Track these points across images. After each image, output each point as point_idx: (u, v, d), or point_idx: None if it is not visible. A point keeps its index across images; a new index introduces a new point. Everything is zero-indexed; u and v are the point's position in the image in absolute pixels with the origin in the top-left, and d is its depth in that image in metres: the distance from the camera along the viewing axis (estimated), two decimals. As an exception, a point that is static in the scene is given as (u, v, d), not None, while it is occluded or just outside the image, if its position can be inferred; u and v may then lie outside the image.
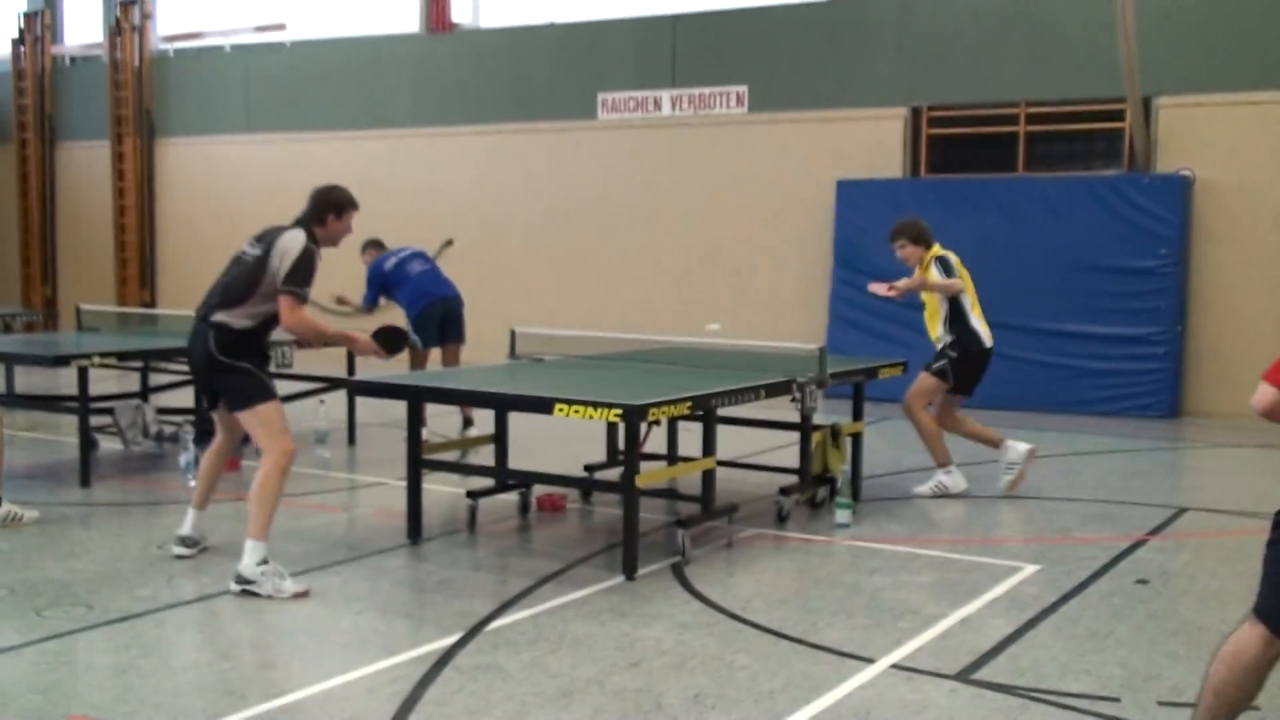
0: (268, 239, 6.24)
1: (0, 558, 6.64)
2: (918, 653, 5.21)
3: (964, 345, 8.39)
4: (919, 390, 8.49)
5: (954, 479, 8.54)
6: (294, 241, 6.15)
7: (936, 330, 8.54)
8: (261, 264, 6.11)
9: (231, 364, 6.12)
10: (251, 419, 6.19)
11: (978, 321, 8.47)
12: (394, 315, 10.95)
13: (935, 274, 8.39)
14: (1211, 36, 12.74)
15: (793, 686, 4.79)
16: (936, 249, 8.54)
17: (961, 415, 8.71)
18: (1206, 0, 12.82)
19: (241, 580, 5.92)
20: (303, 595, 5.91)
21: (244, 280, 6.14)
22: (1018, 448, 8.53)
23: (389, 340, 6.56)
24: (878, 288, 8.54)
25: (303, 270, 6.06)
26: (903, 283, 8.44)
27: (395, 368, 10.01)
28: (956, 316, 8.41)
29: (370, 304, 10.96)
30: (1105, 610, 5.86)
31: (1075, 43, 13.26)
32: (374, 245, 11.24)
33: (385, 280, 10.94)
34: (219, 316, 6.11)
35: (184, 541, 6.65)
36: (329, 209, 6.36)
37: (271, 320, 6.19)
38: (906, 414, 8.53)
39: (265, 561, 5.95)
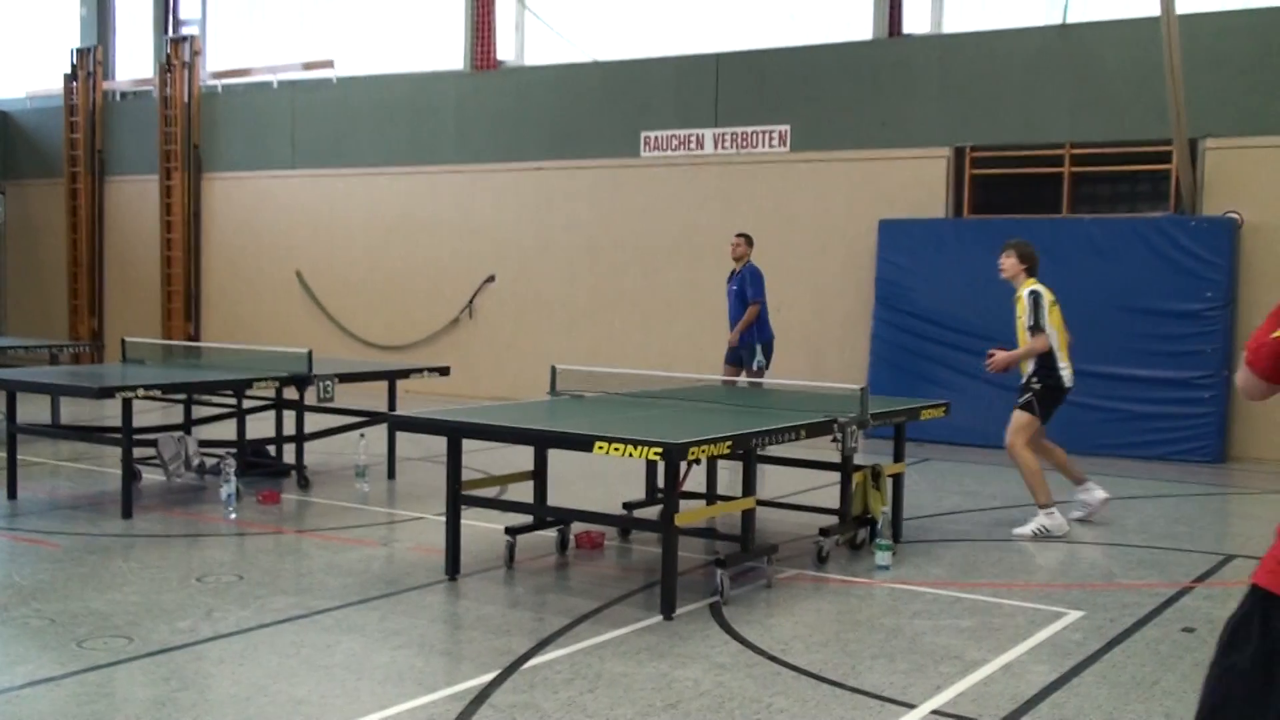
0: None
1: (42, 588, 6.68)
2: (959, 699, 5.14)
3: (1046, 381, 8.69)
4: (1015, 427, 8.69)
5: (1055, 520, 8.61)
6: None
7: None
8: None
9: None
10: None
11: (1063, 363, 8.73)
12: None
13: (1026, 306, 8.71)
14: (1259, 79, 12.64)
15: (832, 731, 4.73)
16: (1030, 281, 8.82)
17: (1049, 445, 8.99)
18: (1254, 42, 12.74)
19: None
20: None
21: None
22: (1096, 493, 8.96)
23: None
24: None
25: None
26: (999, 358, 8.78)
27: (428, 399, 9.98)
28: (1044, 355, 8.67)
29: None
30: (1151, 659, 5.76)
31: (1121, 84, 13.20)
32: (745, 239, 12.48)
33: None
34: None
35: None
36: None
37: None
38: (1011, 454, 8.71)
39: None
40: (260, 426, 10.88)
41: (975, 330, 13.37)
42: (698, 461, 6.95)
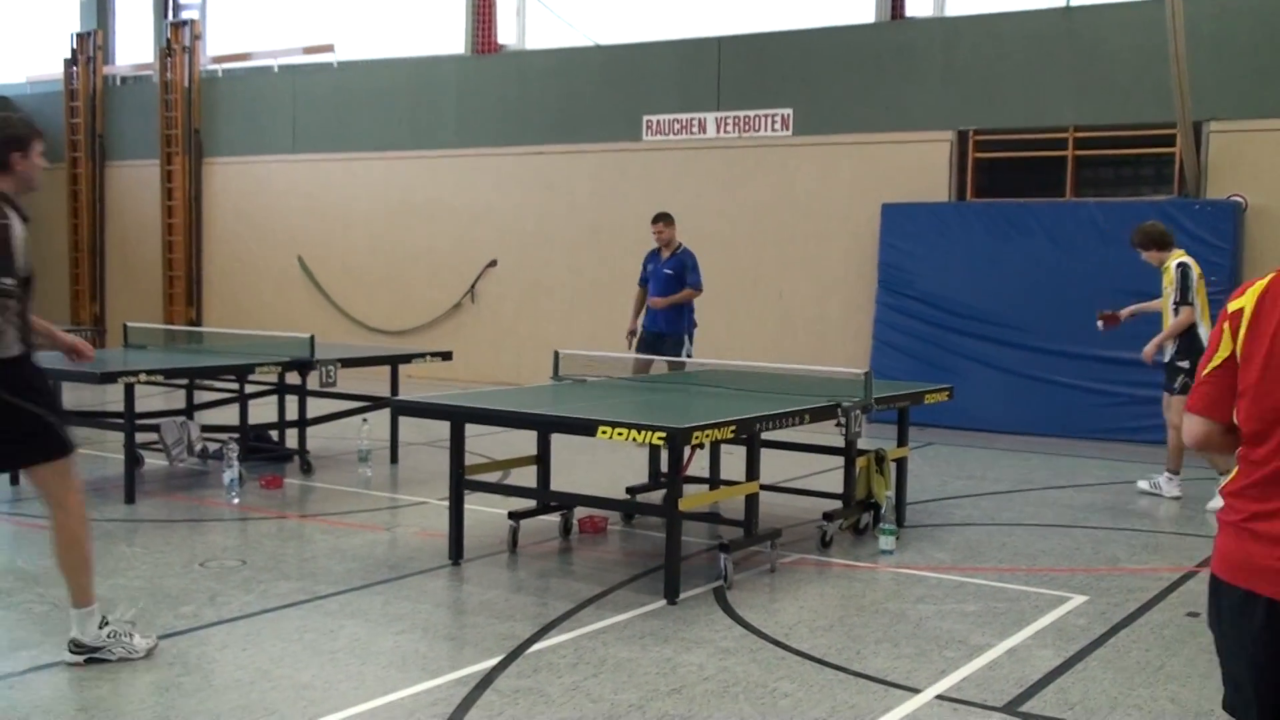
0: None
1: (45, 573, 6.66)
2: (964, 683, 5.13)
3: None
4: (1177, 409, 8.97)
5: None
6: None
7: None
8: None
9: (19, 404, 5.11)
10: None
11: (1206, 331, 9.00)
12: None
13: (1174, 279, 9.06)
14: (1263, 62, 12.59)
15: (836, 716, 4.72)
16: (1178, 253, 9.24)
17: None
18: (1258, 25, 12.68)
19: (81, 649, 5.10)
20: (154, 649, 5.26)
21: None
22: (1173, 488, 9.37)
23: None
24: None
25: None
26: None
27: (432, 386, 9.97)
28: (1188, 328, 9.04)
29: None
30: (1156, 643, 5.76)
31: (1125, 67, 13.15)
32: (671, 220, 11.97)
33: None
34: None
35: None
36: (9, 148, 5.09)
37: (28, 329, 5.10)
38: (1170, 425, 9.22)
39: (106, 622, 5.18)
40: (263, 411, 10.86)
41: (979, 314, 13.37)
42: (701, 446, 6.95)
